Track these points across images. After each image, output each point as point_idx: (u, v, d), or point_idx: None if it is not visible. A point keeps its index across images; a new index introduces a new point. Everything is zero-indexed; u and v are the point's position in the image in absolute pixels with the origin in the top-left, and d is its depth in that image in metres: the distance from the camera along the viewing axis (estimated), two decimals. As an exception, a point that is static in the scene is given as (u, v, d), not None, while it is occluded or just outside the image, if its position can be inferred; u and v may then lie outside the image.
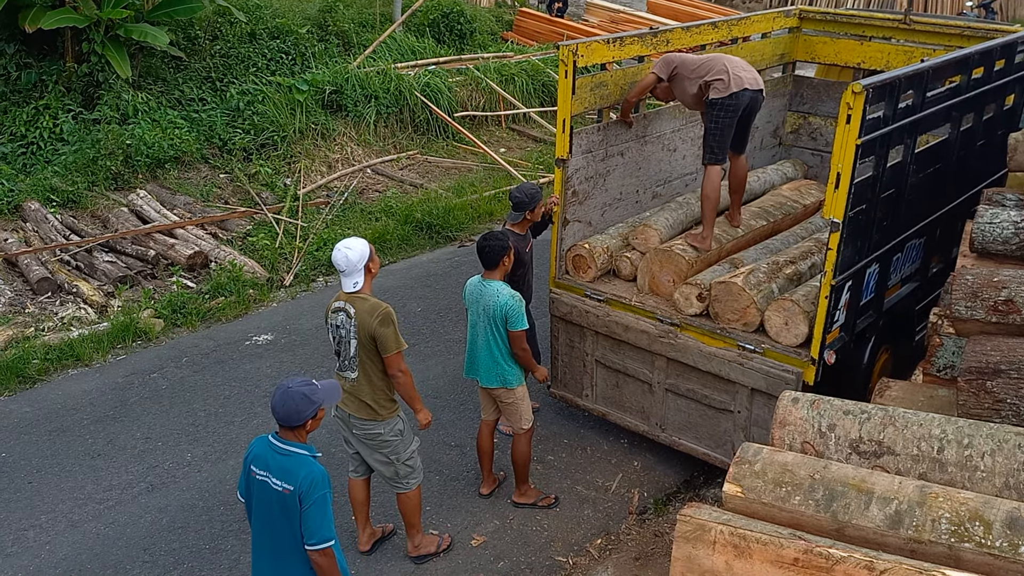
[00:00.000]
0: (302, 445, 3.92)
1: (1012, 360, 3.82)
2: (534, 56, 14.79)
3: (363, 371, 4.99)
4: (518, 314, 5.45)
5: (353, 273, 4.92)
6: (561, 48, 6.01)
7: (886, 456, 3.59)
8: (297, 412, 3.86)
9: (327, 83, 12.07)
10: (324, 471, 3.88)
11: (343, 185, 11.13)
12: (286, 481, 3.84)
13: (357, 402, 5.06)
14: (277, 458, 3.89)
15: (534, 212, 6.20)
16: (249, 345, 7.91)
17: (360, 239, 5.03)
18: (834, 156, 5.06)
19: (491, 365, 5.58)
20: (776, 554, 3.19)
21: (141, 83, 11.38)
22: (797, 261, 6.16)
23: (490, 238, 5.56)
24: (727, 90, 6.01)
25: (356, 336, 4.93)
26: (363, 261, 4.92)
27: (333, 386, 4.04)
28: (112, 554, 5.52)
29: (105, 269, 8.75)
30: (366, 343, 4.91)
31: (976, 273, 4.19)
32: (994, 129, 6.85)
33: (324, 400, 3.95)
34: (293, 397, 3.86)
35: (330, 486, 3.88)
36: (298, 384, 3.91)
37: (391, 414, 5.09)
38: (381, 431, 5.08)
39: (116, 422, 6.78)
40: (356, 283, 4.93)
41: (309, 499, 3.81)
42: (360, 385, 5.02)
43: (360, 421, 5.09)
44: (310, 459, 3.90)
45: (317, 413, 3.92)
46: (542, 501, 6.01)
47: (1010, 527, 3.06)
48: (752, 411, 5.76)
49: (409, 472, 5.23)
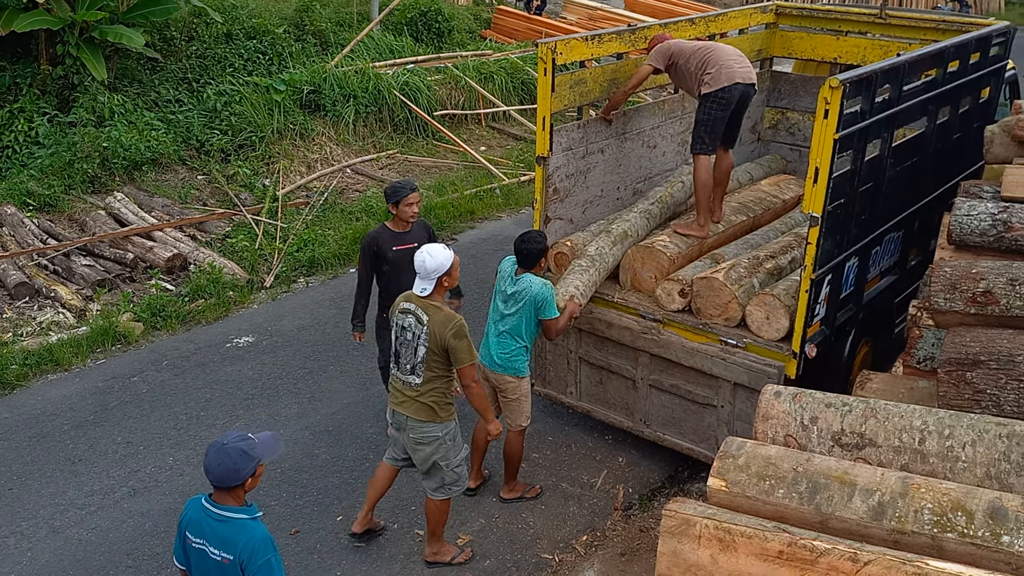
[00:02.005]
0: (239, 509, 3.58)
1: (991, 351, 3.86)
2: (513, 54, 14.78)
3: (428, 376, 4.97)
4: (551, 302, 5.50)
5: (425, 279, 4.91)
6: (540, 46, 6.00)
7: (868, 448, 3.62)
8: (235, 471, 3.51)
9: (305, 83, 12.01)
10: (266, 535, 3.58)
11: (323, 185, 11.08)
12: (225, 551, 3.54)
13: (418, 404, 5.02)
14: (213, 524, 3.56)
15: (398, 208, 5.95)
16: (230, 347, 7.86)
17: (447, 251, 4.95)
18: (812, 151, 5.09)
19: (510, 354, 5.57)
20: (761, 547, 3.21)
21: (117, 85, 11.27)
22: (777, 256, 6.19)
23: (527, 239, 5.56)
24: (717, 84, 6.06)
25: (427, 344, 4.91)
26: (438, 273, 4.89)
27: (272, 439, 3.69)
28: (95, 560, 5.47)
29: (83, 273, 8.67)
30: (436, 352, 4.90)
31: (954, 265, 4.23)
32: (970, 122, 6.92)
33: (263, 455, 3.59)
34: (229, 455, 3.51)
35: (275, 549, 3.58)
36: (234, 440, 3.55)
37: (449, 416, 5.09)
38: (439, 434, 5.06)
39: (97, 427, 6.72)
40: (424, 289, 4.92)
41: (253, 567, 3.50)
42: (423, 390, 5.00)
43: (419, 423, 5.05)
44: (250, 523, 3.58)
45: (256, 470, 3.57)
46: (529, 492, 6.04)
47: (992, 517, 3.09)
48: (735, 405, 5.79)
49: (455, 479, 5.21)
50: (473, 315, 7.94)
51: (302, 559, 5.48)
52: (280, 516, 5.83)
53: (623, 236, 6.24)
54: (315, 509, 5.90)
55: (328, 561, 5.46)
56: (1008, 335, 3.93)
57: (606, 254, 6.11)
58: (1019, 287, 3.99)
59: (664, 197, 6.70)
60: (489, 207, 11.02)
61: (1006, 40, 7.24)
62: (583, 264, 6.02)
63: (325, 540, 5.63)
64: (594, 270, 6.00)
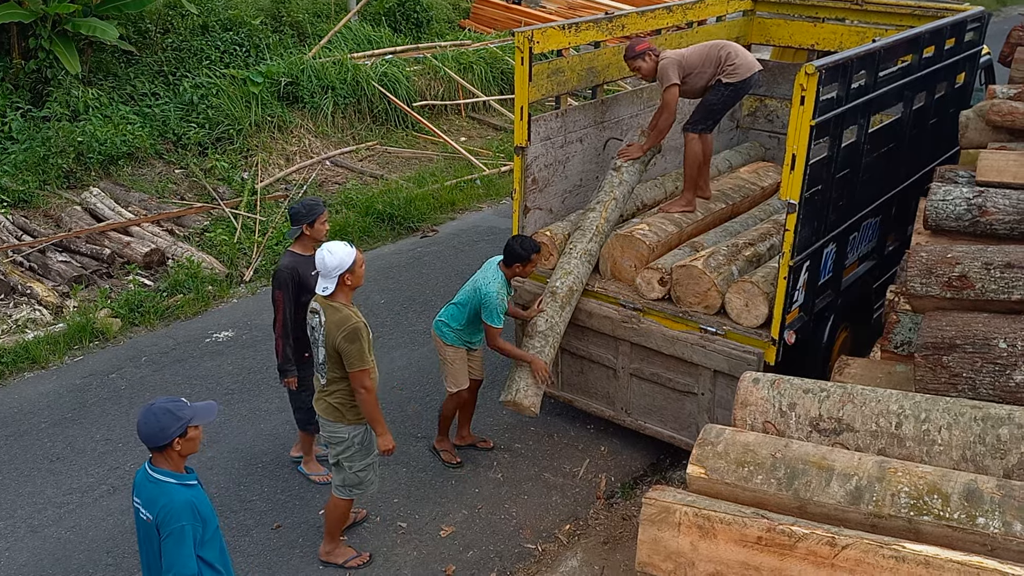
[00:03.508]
0: (170, 472, 3.63)
1: (967, 335, 3.89)
2: (492, 44, 14.72)
3: (331, 377, 4.95)
4: (491, 308, 5.67)
5: (326, 278, 4.80)
6: (517, 35, 5.98)
7: (845, 433, 3.64)
8: (161, 430, 3.55)
9: (282, 75, 11.91)
10: (187, 500, 3.59)
11: (302, 178, 11.01)
12: (148, 510, 3.61)
13: (324, 404, 5.04)
14: (147, 486, 3.64)
15: (313, 227, 5.54)
16: (209, 343, 7.81)
17: (348, 248, 4.81)
18: (789, 137, 5.10)
19: (444, 321, 5.94)
20: (740, 533, 3.22)
21: (91, 79, 11.13)
22: (756, 243, 6.21)
23: (518, 240, 5.84)
24: (744, 73, 6.23)
25: (324, 345, 4.88)
26: (339, 270, 4.76)
27: (207, 405, 3.72)
28: (75, 558, 5.43)
29: (59, 269, 8.58)
30: (331, 354, 4.85)
31: (930, 250, 4.25)
32: (946, 107, 6.95)
33: (194, 417, 3.62)
34: (155, 414, 3.56)
35: (192, 517, 3.58)
36: (162, 401, 3.62)
37: (357, 420, 5.03)
38: (345, 435, 5.04)
39: (75, 424, 6.66)
40: (326, 288, 4.82)
41: (166, 530, 3.55)
42: (329, 390, 4.99)
43: (326, 422, 5.07)
44: (174, 487, 3.60)
45: (186, 431, 3.59)
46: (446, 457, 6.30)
47: (967, 499, 3.11)
48: (715, 393, 5.81)
49: (356, 483, 5.14)
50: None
51: (284, 553, 5.47)
52: (261, 511, 5.80)
53: (570, 294, 6.00)
54: (297, 504, 5.88)
55: (310, 555, 5.45)
56: (983, 319, 3.95)
57: (557, 323, 5.94)
58: (993, 271, 4.01)
59: (600, 227, 6.21)
60: (470, 198, 10.99)
61: (981, 25, 7.28)
62: (536, 344, 5.84)
63: (307, 534, 5.61)
64: (549, 347, 5.89)
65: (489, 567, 5.41)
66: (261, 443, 6.43)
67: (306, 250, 5.54)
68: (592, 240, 6.16)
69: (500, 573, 5.36)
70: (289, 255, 5.59)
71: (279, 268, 5.56)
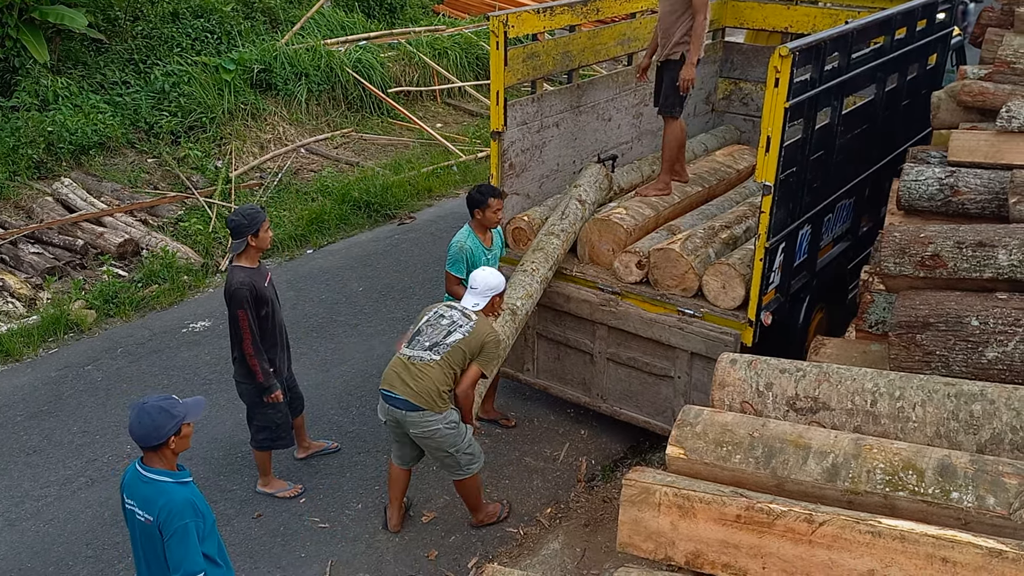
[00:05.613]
0: (164, 471, 3.61)
1: (940, 313, 3.93)
2: (467, 29, 14.65)
3: (444, 363, 4.97)
4: (451, 257, 5.79)
5: (479, 295, 5.17)
6: (491, 19, 5.95)
7: (822, 412, 3.67)
8: (156, 428, 3.53)
9: (255, 61, 11.79)
10: (186, 499, 3.58)
11: (276, 166, 10.92)
12: (147, 511, 3.58)
13: (417, 386, 4.93)
14: (141, 486, 3.61)
15: (259, 236, 5.29)
16: (186, 333, 7.75)
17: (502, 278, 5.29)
18: (763, 120, 5.12)
19: None
20: (719, 512, 3.24)
21: (60, 67, 10.97)
22: (732, 225, 6.24)
23: (476, 187, 5.87)
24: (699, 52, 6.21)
25: (465, 335, 4.99)
26: (495, 291, 5.19)
27: (195, 401, 3.71)
28: (54, 551, 5.39)
29: (32, 261, 8.47)
30: (465, 348, 4.99)
31: (903, 230, 4.29)
32: (918, 88, 7.01)
33: (187, 414, 3.61)
34: (149, 413, 3.54)
35: (194, 514, 3.57)
36: (155, 400, 3.60)
37: (448, 406, 5.06)
38: (439, 426, 5.02)
39: (51, 417, 6.60)
40: (477, 304, 5.16)
41: (169, 530, 3.52)
42: (432, 370, 4.96)
43: (418, 414, 4.97)
44: (171, 486, 3.59)
45: (180, 429, 3.58)
46: None
47: (941, 474, 3.15)
48: (692, 376, 5.84)
49: (470, 460, 5.23)
50: (433, 293, 7.92)
51: (266, 542, 5.46)
52: (243, 500, 5.79)
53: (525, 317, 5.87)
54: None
55: (292, 543, 5.45)
56: (956, 297, 4.00)
57: None
58: (965, 250, 4.05)
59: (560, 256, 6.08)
60: (447, 184, 10.96)
61: (952, 7, 7.33)
62: None
63: (288, 523, 5.61)
64: None
65: (471, 551, 5.43)
66: (240, 432, 6.39)
67: (253, 263, 5.34)
68: (549, 267, 5.98)
69: (482, 557, 5.38)
70: (239, 271, 5.31)
71: (235, 287, 5.26)
